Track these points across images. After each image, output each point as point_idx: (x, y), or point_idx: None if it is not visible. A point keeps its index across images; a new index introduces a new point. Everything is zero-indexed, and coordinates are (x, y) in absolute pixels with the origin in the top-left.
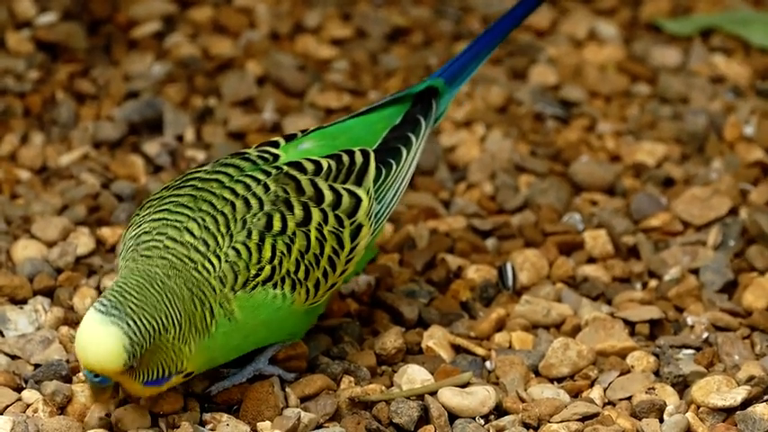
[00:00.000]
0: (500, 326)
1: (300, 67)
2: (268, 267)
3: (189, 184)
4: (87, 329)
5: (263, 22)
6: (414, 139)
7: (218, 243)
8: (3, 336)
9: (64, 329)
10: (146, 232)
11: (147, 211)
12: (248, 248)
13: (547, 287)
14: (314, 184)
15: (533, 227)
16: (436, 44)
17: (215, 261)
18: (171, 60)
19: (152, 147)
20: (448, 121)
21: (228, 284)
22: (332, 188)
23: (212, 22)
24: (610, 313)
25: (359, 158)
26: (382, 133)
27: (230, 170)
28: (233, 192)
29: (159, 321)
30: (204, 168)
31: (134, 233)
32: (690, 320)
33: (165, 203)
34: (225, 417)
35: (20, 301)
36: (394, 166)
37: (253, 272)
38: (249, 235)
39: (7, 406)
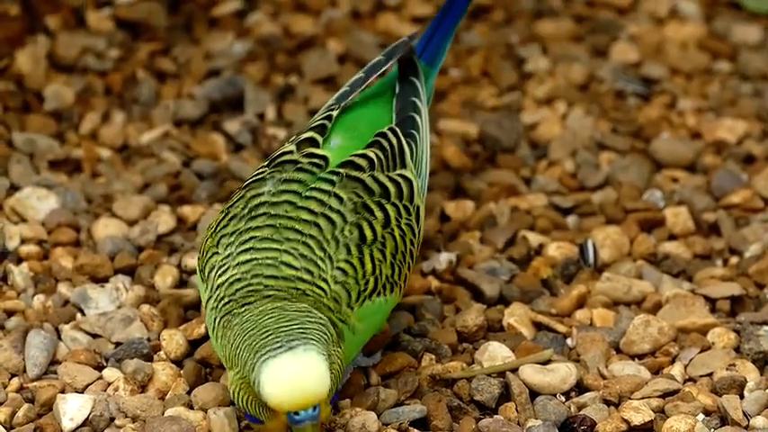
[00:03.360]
0: (581, 303)
1: (381, 44)
2: (372, 279)
3: (260, 213)
4: (289, 368)
5: (344, 0)
6: (419, 102)
7: (320, 268)
8: (84, 314)
9: (145, 308)
10: (238, 279)
11: (228, 252)
12: (353, 265)
13: (628, 264)
14: (377, 181)
15: (614, 204)
16: (517, 22)
17: (324, 285)
18: (252, 38)
19: (233, 125)
20: (529, 98)
21: (344, 302)
22: (390, 179)
23: (293, 0)
24: (691, 290)
25: (393, 139)
26: (392, 108)
27: (294, 186)
28: (310, 212)
29: (325, 338)
30: (265, 190)
31: (223, 280)
32: None
33: (247, 240)
34: None
35: (101, 280)
36: (417, 136)
37: (362, 287)
38: (348, 251)
39: (88, 384)
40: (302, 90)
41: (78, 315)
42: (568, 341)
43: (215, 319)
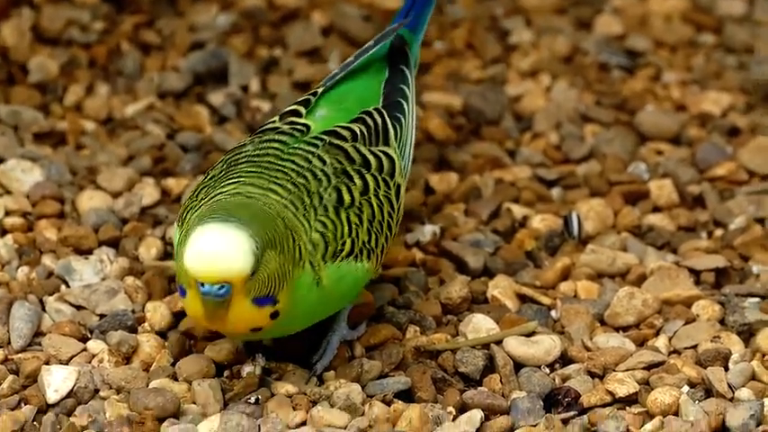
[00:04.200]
0: (565, 275)
1: (365, 17)
2: (348, 241)
3: (243, 161)
4: (209, 236)
5: None
6: (407, 90)
7: (306, 209)
8: (68, 286)
9: (129, 280)
10: (221, 193)
11: (212, 190)
12: (333, 222)
13: (612, 236)
14: (358, 151)
15: (599, 176)
16: None
17: (306, 224)
18: (236, 11)
19: (217, 97)
20: (513, 70)
21: (320, 251)
22: (372, 152)
23: None
24: (675, 262)
25: (378, 119)
26: (380, 90)
27: (276, 145)
28: (296, 164)
29: (268, 233)
30: (246, 149)
31: (200, 198)
32: (755, 269)
33: (231, 176)
34: (290, 366)
35: (85, 252)
36: (403, 120)
37: (339, 245)
38: (326, 210)
39: (72, 356)
40: (286, 62)
41: (63, 287)
42: (553, 313)
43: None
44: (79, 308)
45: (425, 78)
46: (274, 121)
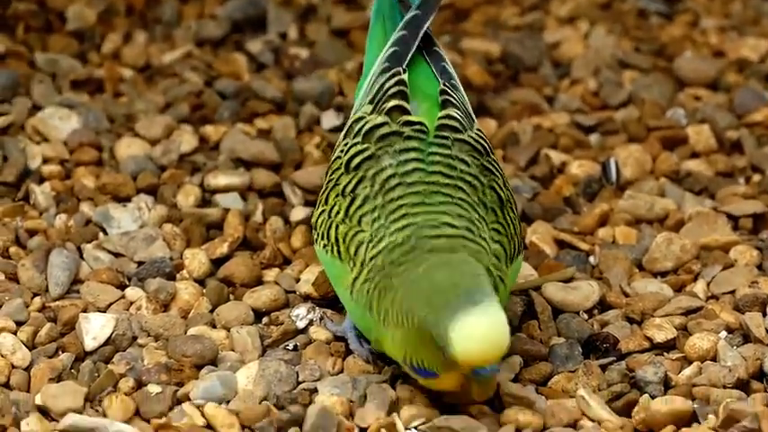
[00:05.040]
0: (603, 221)
1: None
2: (516, 238)
3: (395, 184)
4: (482, 325)
5: None
6: (439, 50)
7: (478, 227)
8: (106, 233)
9: (167, 227)
10: (399, 244)
11: (377, 225)
12: (503, 226)
13: (650, 182)
14: (476, 140)
15: (637, 122)
16: None
17: (484, 244)
18: None
19: (255, 45)
20: (551, 17)
21: (503, 261)
22: (479, 136)
23: None
24: (713, 208)
25: (455, 94)
26: (429, 67)
27: (413, 155)
28: (445, 176)
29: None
30: (386, 164)
31: (380, 248)
32: None
33: (396, 209)
34: (329, 313)
35: (123, 199)
36: (458, 85)
37: (512, 247)
38: (495, 213)
39: (110, 304)
40: (324, 9)
41: (101, 234)
42: (591, 259)
43: (368, 291)
44: (117, 255)
45: (464, 25)
46: (388, 123)
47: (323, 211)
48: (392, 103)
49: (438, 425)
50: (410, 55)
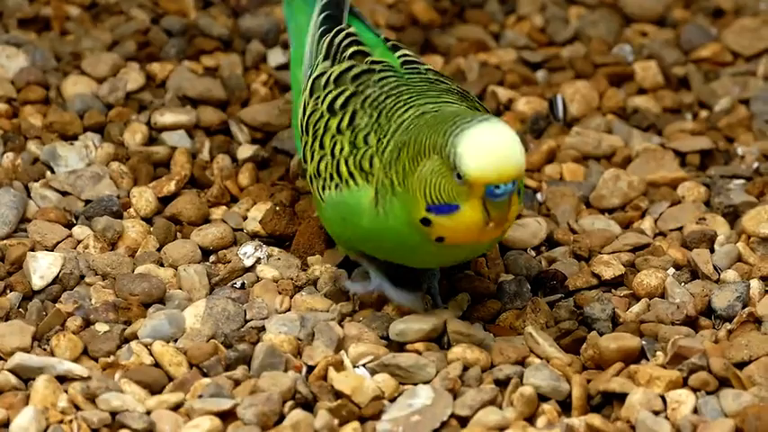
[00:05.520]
0: (551, 157)
1: None
2: None
3: (387, 98)
4: (494, 135)
5: None
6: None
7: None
8: (53, 172)
9: (114, 165)
10: (406, 126)
11: (379, 134)
12: None
13: (597, 118)
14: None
15: (583, 59)
16: None
17: None
18: None
19: None
20: None
21: None
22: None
23: None
24: (660, 144)
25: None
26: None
27: (394, 80)
28: (432, 88)
29: None
30: (372, 91)
31: (388, 138)
32: (740, 150)
33: (395, 109)
34: (276, 251)
35: (70, 138)
36: None
37: None
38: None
39: (58, 242)
40: None
41: (48, 173)
42: (538, 196)
43: (387, 177)
44: (64, 194)
45: None
46: (355, 65)
47: (322, 156)
48: (352, 49)
49: (386, 362)
50: (346, 14)
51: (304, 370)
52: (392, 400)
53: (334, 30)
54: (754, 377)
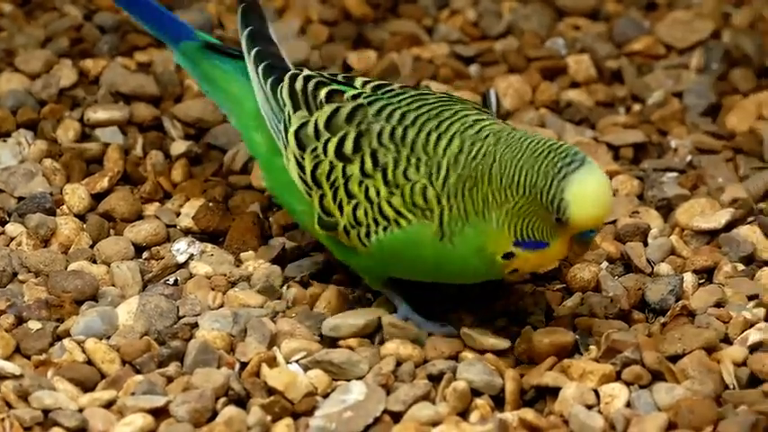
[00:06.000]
0: None
1: None
2: None
3: (404, 130)
4: (598, 182)
5: None
6: None
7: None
8: None
9: (47, 162)
10: (457, 153)
11: (423, 169)
12: None
13: (530, 112)
14: None
15: (516, 52)
16: None
17: None
18: None
19: None
20: None
21: None
22: None
23: None
24: (593, 137)
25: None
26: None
27: (390, 108)
28: (432, 102)
29: None
30: (380, 126)
31: (443, 173)
32: (673, 144)
33: (425, 141)
34: (209, 247)
35: (3, 134)
36: None
37: None
38: None
39: None
40: None
41: None
42: None
43: (459, 209)
44: None
45: None
46: (339, 106)
47: (356, 205)
48: (324, 91)
49: (318, 358)
50: (287, 59)
51: (237, 366)
52: (325, 396)
53: (288, 78)
54: (688, 370)
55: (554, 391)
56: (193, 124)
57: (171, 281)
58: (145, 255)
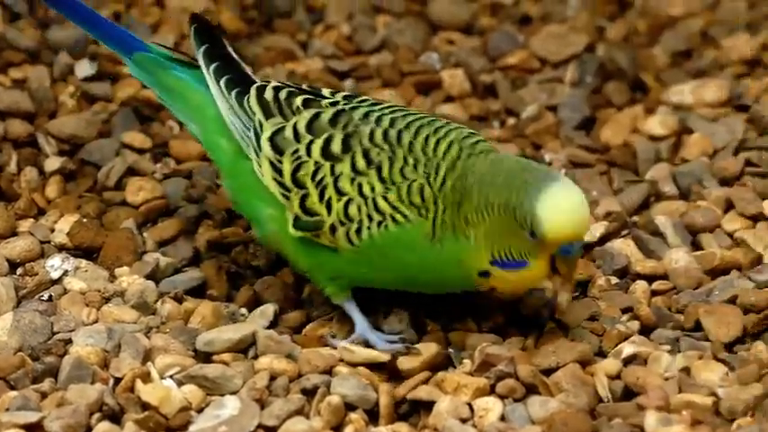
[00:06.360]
0: None
1: None
2: None
3: (398, 132)
4: (572, 195)
5: None
6: None
7: None
8: None
9: None
10: (455, 158)
11: (420, 168)
12: None
13: None
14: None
15: (391, 67)
16: None
17: None
18: None
19: None
20: None
21: None
22: None
23: None
24: None
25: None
26: None
27: (377, 112)
28: (404, 109)
29: None
30: (370, 128)
31: (443, 175)
32: (548, 157)
33: (424, 143)
34: (84, 263)
35: None
36: None
37: None
38: None
39: None
40: None
41: None
42: None
43: (450, 218)
44: None
45: None
46: (319, 111)
47: (349, 201)
48: (299, 99)
49: (192, 373)
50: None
51: (111, 382)
52: (199, 410)
53: (255, 89)
54: (562, 384)
55: (428, 405)
56: (68, 140)
57: (45, 297)
58: (19, 271)
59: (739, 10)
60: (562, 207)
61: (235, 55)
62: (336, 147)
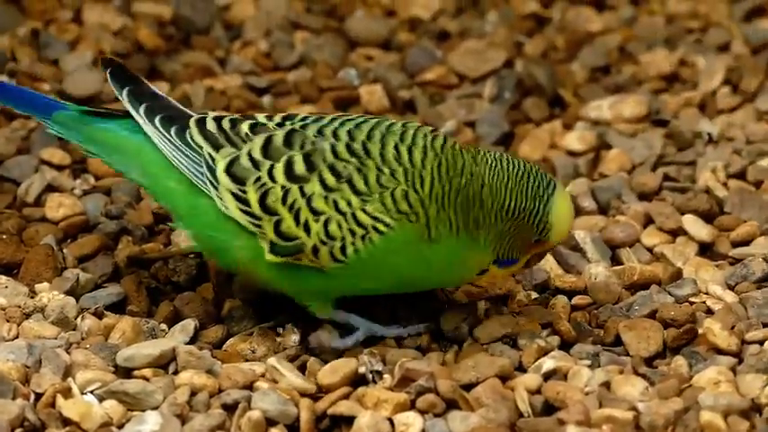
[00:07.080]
0: None
1: None
2: None
3: (363, 143)
4: (568, 199)
5: None
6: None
7: None
8: None
9: None
10: (438, 165)
11: (399, 175)
12: None
13: None
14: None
15: (309, 83)
16: None
17: None
18: None
19: None
20: None
21: None
22: None
23: None
24: None
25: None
26: None
27: (330, 126)
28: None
29: None
30: (330, 143)
31: (430, 180)
32: None
33: (395, 151)
34: (3, 279)
35: None
36: None
37: None
38: None
39: None
40: None
41: None
42: None
43: (449, 219)
44: None
45: None
46: (270, 134)
47: (328, 219)
48: (245, 125)
49: (113, 389)
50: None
51: (32, 397)
52: (120, 426)
53: (194, 122)
54: (482, 398)
55: (349, 420)
56: None
57: None
58: None
59: (657, 26)
60: (565, 213)
61: (159, 91)
62: (300, 168)
